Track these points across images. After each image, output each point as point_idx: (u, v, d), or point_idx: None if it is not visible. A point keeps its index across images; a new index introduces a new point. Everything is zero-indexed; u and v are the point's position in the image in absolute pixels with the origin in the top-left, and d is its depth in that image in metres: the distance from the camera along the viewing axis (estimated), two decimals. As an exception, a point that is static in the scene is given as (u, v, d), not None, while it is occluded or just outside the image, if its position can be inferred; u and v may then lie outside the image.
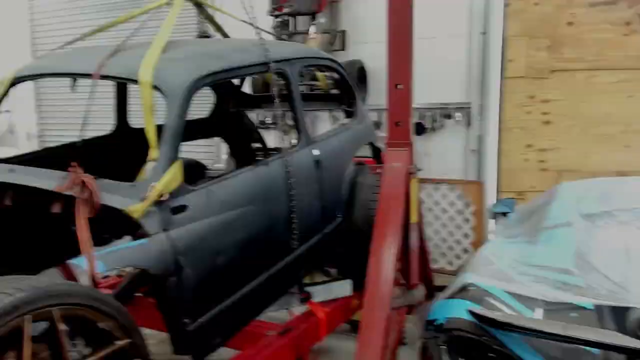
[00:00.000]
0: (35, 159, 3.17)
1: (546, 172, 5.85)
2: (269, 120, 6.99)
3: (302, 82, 5.77)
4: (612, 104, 5.58)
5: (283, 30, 6.47)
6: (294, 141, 3.42)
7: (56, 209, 2.59)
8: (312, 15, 6.57)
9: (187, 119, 2.64)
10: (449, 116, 6.30)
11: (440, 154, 6.41)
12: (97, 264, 2.10)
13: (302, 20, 6.72)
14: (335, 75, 4.26)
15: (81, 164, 2.75)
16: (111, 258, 2.18)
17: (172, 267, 2.39)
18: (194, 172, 3.97)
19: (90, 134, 3.77)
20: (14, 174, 2.68)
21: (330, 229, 3.67)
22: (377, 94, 6.45)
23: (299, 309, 3.73)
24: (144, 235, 2.35)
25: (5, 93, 3.11)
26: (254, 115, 6.97)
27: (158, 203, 2.39)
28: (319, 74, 4.70)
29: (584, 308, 2.56)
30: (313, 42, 5.99)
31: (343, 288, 3.80)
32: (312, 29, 6.18)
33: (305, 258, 3.43)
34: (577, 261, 2.88)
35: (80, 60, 2.98)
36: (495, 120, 5.99)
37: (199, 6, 3.64)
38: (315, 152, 3.47)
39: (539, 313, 2.63)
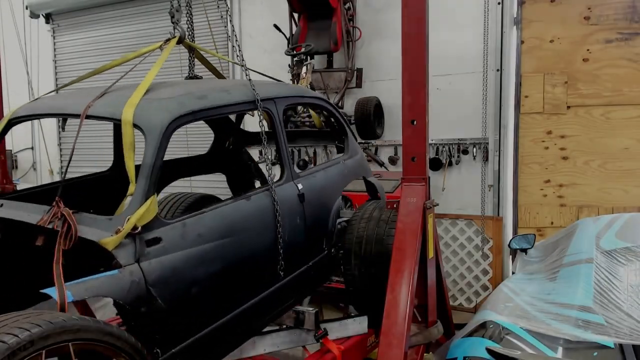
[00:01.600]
0: (35, 194, 3.31)
1: (565, 208, 5.80)
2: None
3: (299, 119, 5.90)
4: (630, 139, 5.56)
5: (299, 69, 6.59)
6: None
7: (39, 242, 2.68)
8: (329, 54, 6.70)
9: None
10: (465, 151, 6.32)
11: (457, 189, 6.41)
12: (66, 293, 2.15)
13: (318, 59, 6.86)
14: (325, 113, 4.36)
15: (79, 199, 2.86)
16: (79, 288, 2.23)
17: (143, 298, 2.44)
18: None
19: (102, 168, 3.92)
20: (3, 209, 2.80)
21: (315, 261, 3.71)
22: (393, 129, 6.53)
23: (314, 346, 3.69)
24: (117, 266, 2.41)
25: (4, 133, 3.24)
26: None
27: (132, 235, 2.47)
28: (312, 112, 4.81)
29: (605, 347, 2.50)
30: (304, 82, 6.10)
31: (359, 325, 3.76)
32: (303, 70, 6.28)
33: (289, 290, 3.46)
34: (598, 298, 2.83)
35: (72, 102, 3.12)
36: (512, 155, 5.99)
37: (191, 49, 3.76)
38: (300, 186, 3.55)
39: (559, 352, 2.58)
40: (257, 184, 4.95)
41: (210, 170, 4.77)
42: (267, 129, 3.44)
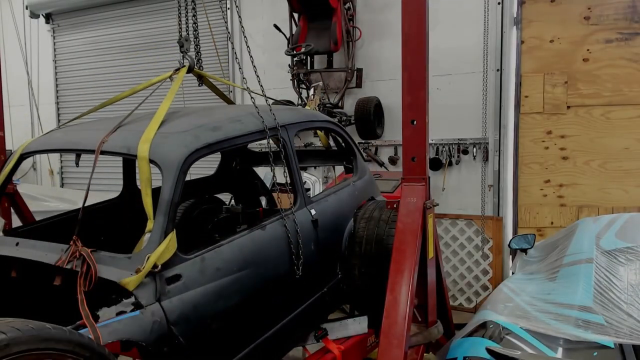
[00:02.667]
0: (51, 225, 3.36)
1: (565, 208, 5.80)
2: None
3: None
4: (630, 139, 5.56)
5: (299, 69, 6.60)
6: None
7: (57, 282, 2.64)
8: (329, 54, 6.70)
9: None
10: (465, 151, 6.32)
11: (457, 190, 6.41)
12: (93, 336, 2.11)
13: (318, 59, 6.86)
14: (334, 135, 4.34)
15: (91, 227, 2.81)
16: (103, 332, 2.17)
17: (165, 338, 2.41)
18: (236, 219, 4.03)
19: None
20: (19, 248, 2.77)
21: (329, 287, 3.66)
22: (393, 130, 6.53)
23: (314, 346, 3.68)
24: (138, 306, 2.36)
25: (15, 167, 3.25)
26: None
27: (152, 274, 2.43)
28: (319, 133, 4.80)
29: (605, 347, 2.50)
30: (312, 104, 6.09)
31: (359, 325, 3.75)
32: (311, 92, 6.27)
33: (305, 317, 3.43)
34: (598, 298, 2.83)
35: (85, 137, 3.08)
36: (512, 155, 5.99)
37: (200, 78, 3.73)
38: (313, 212, 3.50)
39: (559, 352, 2.58)
40: (264, 202, 4.94)
41: (218, 191, 4.75)
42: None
